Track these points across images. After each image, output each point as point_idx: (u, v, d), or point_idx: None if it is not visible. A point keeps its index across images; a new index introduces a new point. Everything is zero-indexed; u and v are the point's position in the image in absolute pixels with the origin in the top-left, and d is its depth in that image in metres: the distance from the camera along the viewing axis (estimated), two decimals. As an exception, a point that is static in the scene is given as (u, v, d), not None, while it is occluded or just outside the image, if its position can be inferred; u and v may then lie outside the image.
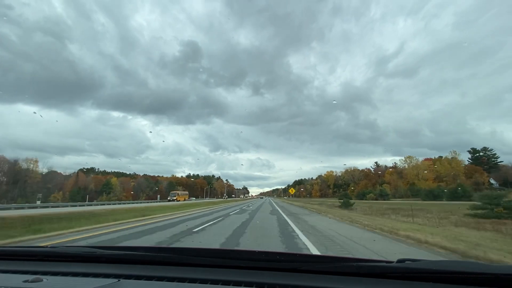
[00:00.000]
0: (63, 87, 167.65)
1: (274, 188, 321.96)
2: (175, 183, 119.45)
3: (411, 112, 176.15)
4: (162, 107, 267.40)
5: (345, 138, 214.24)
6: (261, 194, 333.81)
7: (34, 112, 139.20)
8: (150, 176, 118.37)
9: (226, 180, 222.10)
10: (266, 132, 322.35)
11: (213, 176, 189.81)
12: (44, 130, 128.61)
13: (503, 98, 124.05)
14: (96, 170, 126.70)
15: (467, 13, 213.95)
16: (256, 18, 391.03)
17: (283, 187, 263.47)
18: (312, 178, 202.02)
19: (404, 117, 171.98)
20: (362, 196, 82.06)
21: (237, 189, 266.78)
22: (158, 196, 79.04)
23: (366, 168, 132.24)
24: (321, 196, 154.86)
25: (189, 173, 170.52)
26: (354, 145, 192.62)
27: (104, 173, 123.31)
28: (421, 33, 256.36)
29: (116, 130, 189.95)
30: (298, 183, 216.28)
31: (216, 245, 6.48)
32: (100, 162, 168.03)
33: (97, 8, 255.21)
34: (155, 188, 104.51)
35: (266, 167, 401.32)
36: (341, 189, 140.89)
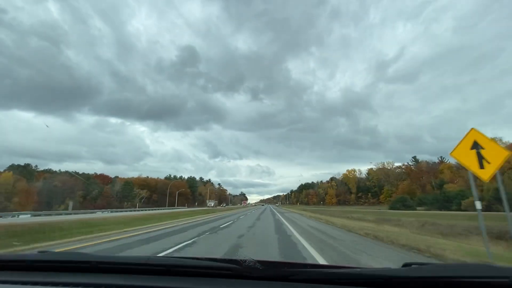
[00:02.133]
0: (59, 93, 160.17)
1: (275, 195, 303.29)
2: (134, 186, 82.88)
3: (412, 118, 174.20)
4: (160, 113, 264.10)
5: (346, 145, 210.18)
6: (262, 201, 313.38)
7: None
8: (97, 175, 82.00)
9: (219, 184, 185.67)
10: (266, 138, 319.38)
11: (201, 179, 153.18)
12: (41, 136, 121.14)
13: (504, 104, 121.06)
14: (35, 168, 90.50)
15: (466, 17, 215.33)
16: (254, 22, 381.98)
17: (284, 193, 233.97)
18: (321, 181, 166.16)
19: (405, 123, 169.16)
20: (443, 202, 45.06)
21: (232, 195, 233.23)
22: (71, 203, 43.17)
23: (404, 164, 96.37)
24: (339, 203, 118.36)
25: (169, 174, 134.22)
26: (355, 152, 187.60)
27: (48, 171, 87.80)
28: (421, 37, 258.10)
29: (114, 136, 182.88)
30: (304, 188, 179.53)
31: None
32: (98, 169, 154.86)
33: (94, 13, 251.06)
34: (95, 191, 68.11)
35: (266, 174, 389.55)
36: (368, 194, 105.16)
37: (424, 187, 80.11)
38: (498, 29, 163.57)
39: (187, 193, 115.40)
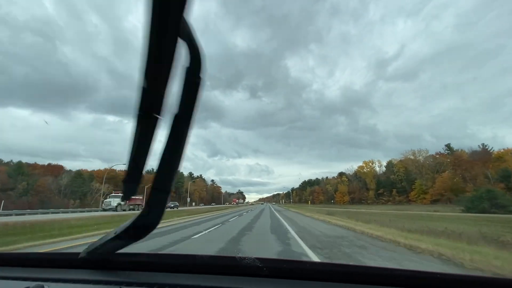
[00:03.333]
0: (56, 90, 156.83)
1: (275, 193, 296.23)
2: (88, 178, 63.06)
3: (411, 116, 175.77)
4: None
5: (345, 143, 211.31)
6: (261, 200, 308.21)
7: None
8: (42, 165, 62.22)
9: (212, 181, 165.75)
10: (265, 137, 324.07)
11: (190, 174, 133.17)
12: (39, 134, 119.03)
13: (504, 103, 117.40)
14: None
15: (467, 15, 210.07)
16: (252, 19, 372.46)
17: (284, 192, 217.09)
18: (326, 177, 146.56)
19: (404, 122, 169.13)
20: None
21: (228, 193, 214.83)
22: None
23: (437, 153, 76.64)
24: (353, 201, 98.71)
25: (151, 168, 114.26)
26: (354, 151, 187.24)
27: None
28: (421, 35, 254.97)
29: (112, 134, 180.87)
30: (308, 184, 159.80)
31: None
32: (96, 167, 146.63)
33: (89, 8, 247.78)
34: (23, 183, 48.33)
35: (265, 172, 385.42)
36: (393, 190, 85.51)
37: (475, 180, 60.61)
38: (499, 27, 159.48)
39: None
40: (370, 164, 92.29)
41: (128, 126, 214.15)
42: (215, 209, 41.96)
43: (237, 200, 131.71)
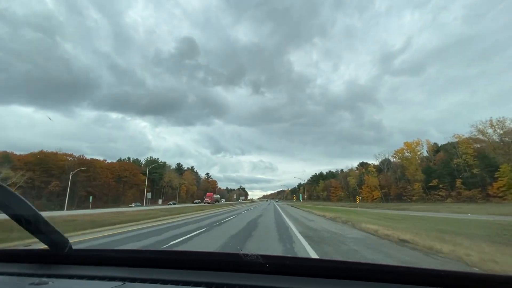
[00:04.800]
0: (58, 87, 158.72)
1: (279, 190, 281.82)
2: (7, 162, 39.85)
3: (418, 112, 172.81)
4: (161, 107, 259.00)
5: (349, 140, 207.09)
6: (265, 196, 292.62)
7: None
8: None
9: (207, 174, 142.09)
10: (268, 133, 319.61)
11: (179, 165, 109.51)
12: (42, 131, 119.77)
13: None
14: None
15: (476, 5, 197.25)
16: (254, 12, 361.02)
17: (289, 188, 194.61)
18: (341, 170, 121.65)
19: (411, 117, 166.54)
20: None
21: (228, 189, 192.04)
22: None
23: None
24: (386, 198, 74.09)
25: (128, 157, 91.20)
26: (358, 147, 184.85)
27: None
28: (428, 27, 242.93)
29: (115, 131, 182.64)
30: (321, 178, 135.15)
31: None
32: None
33: (89, 3, 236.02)
34: None
35: (269, 169, 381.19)
36: (456, 181, 60.47)
37: None
38: (509, 18, 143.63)
39: (139, 180, 71.83)
40: (414, 145, 66.80)
41: (131, 123, 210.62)
42: (151, 215, 17.60)
43: (213, 196, 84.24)
